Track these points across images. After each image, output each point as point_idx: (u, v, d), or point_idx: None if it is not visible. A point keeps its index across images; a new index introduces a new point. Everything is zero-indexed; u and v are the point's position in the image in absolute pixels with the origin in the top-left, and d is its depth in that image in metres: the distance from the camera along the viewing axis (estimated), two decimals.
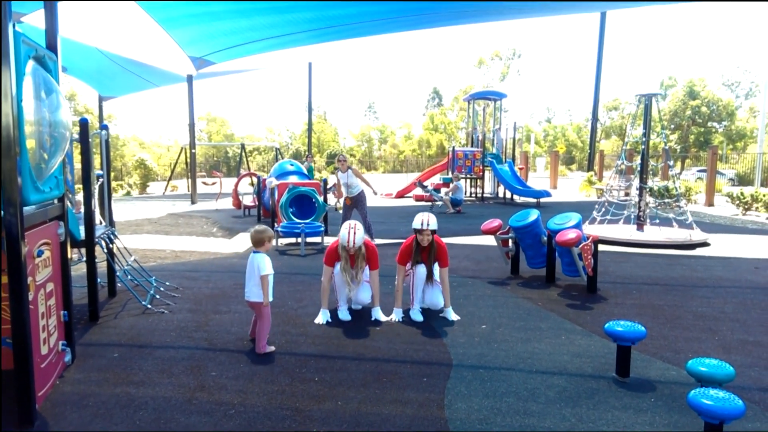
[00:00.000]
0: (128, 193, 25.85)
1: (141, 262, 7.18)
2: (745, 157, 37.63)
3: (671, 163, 11.53)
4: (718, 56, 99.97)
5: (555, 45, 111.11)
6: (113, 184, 29.87)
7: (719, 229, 12.13)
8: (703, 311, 5.65)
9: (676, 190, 11.36)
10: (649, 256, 8.86)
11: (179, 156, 29.01)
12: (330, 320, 5.24)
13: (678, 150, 47.53)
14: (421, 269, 5.38)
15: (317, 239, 9.85)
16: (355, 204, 9.58)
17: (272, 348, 4.45)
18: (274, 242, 4.78)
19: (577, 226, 6.58)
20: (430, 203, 17.08)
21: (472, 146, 21.83)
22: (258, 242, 4.52)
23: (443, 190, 18.04)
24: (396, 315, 5.34)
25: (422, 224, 5.26)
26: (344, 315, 5.36)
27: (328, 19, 13.96)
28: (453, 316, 5.37)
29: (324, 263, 5.34)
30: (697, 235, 10.14)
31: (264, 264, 4.39)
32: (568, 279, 6.93)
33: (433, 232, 5.34)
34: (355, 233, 5.15)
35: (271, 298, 4.48)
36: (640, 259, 8.51)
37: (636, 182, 10.82)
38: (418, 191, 19.86)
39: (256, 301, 4.41)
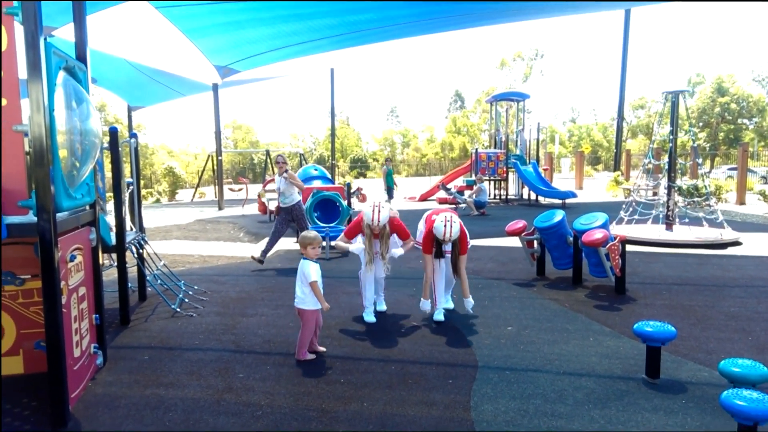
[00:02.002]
0: (158, 201, 26.30)
1: (170, 266, 7.30)
2: None
3: (700, 161, 11.32)
4: (748, 51, 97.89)
5: (578, 44, 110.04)
6: (143, 191, 30.42)
7: (751, 228, 11.86)
8: (735, 311, 5.54)
9: (706, 189, 11.15)
10: (679, 256, 8.70)
11: (206, 163, 29.37)
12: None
13: (707, 148, 46.61)
14: (442, 265, 5.34)
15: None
16: (290, 217, 8.40)
17: (311, 356, 4.38)
18: (320, 247, 4.63)
19: (604, 226, 6.50)
20: (453, 206, 17.04)
21: (495, 148, 21.71)
22: (301, 247, 4.46)
23: (467, 192, 17.97)
24: (424, 305, 5.24)
25: (444, 235, 5.07)
26: (369, 317, 5.37)
27: (349, 25, 14.04)
28: (470, 304, 5.30)
29: (344, 236, 5.37)
30: (728, 234, 9.93)
31: (310, 271, 4.31)
32: (596, 280, 6.85)
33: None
34: (380, 211, 5.10)
35: (327, 305, 4.37)
36: (670, 260, 8.37)
37: (664, 181, 10.65)
38: (442, 194, 19.81)
39: (303, 308, 4.34)
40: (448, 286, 5.69)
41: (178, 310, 5.76)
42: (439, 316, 5.34)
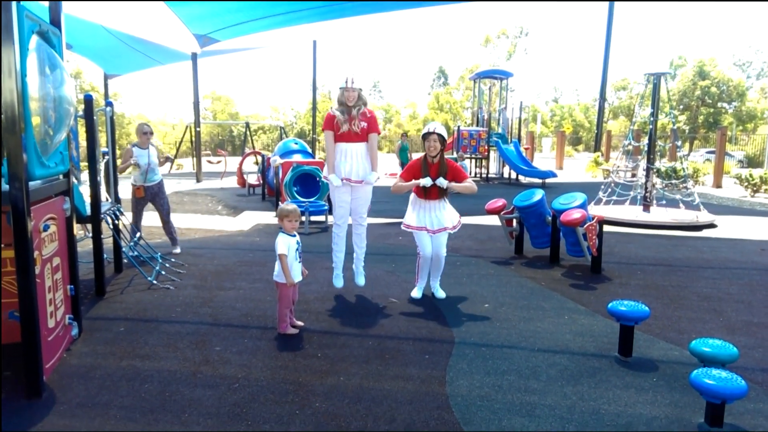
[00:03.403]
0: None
1: (147, 238, 7.21)
2: (755, 139, 37.20)
3: (679, 143, 11.45)
4: (730, 36, 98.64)
5: (563, 23, 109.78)
6: (119, 162, 29.95)
7: (727, 210, 12.08)
8: (708, 292, 5.65)
9: (684, 171, 11.29)
10: (655, 237, 8.84)
11: (184, 134, 28.91)
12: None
13: (687, 131, 47.12)
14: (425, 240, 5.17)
15: (321, 218, 9.87)
16: (154, 197, 7.09)
17: (294, 330, 4.35)
18: (299, 220, 4.53)
19: (582, 206, 6.56)
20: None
21: (477, 126, 21.70)
22: (279, 219, 4.39)
23: None
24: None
25: (428, 129, 5.08)
26: (338, 282, 5.38)
27: None
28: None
29: (323, 130, 5.22)
30: (703, 216, 10.10)
31: (277, 243, 4.24)
32: (573, 259, 6.93)
33: (442, 139, 5.10)
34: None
35: (296, 279, 4.30)
36: (646, 240, 8.50)
37: (643, 163, 10.76)
38: None
39: (278, 281, 4.32)
40: (435, 270, 5.37)
41: (155, 282, 5.71)
42: (418, 293, 5.36)
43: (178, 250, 7.20)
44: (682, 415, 3.12)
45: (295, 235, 4.40)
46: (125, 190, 7.11)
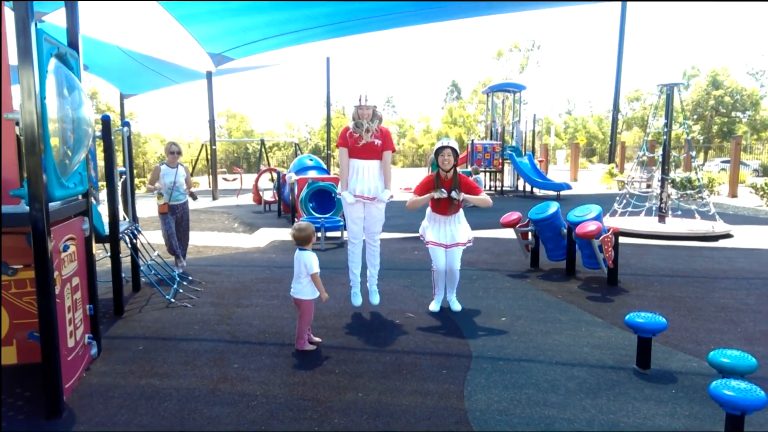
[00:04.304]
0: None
1: (164, 257, 7.28)
2: None
3: (693, 153, 11.36)
4: (743, 45, 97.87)
5: (575, 36, 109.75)
6: (136, 180, 30.28)
7: (742, 220, 11.93)
8: (725, 303, 5.58)
9: (699, 182, 11.19)
10: (671, 248, 8.75)
11: (200, 153, 29.23)
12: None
13: (701, 141, 46.73)
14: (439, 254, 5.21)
15: (337, 233, 9.89)
16: (181, 218, 7.25)
17: (311, 347, 4.36)
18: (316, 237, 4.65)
19: (597, 218, 6.53)
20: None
21: (491, 139, 21.70)
22: (303, 240, 4.38)
23: None
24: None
25: (441, 144, 5.17)
26: (356, 300, 5.39)
27: (345, 14, 13.96)
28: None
29: (338, 146, 5.28)
30: (719, 226, 9.98)
31: (312, 262, 4.28)
32: (589, 271, 6.88)
33: (455, 154, 5.16)
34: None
35: (326, 295, 4.36)
36: (662, 251, 8.41)
37: (657, 174, 10.68)
38: None
39: (302, 299, 4.32)
40: (450, 283, 5.39)
41: (173, 300, 5.76)
42: (436, 307, 5.36)
43: (183, 264, 7.27)
44: (701, 427, 3.08)
45: (314, 251, 4.45)
46: (143, 209, 7.19)
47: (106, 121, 5.28)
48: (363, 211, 5.26)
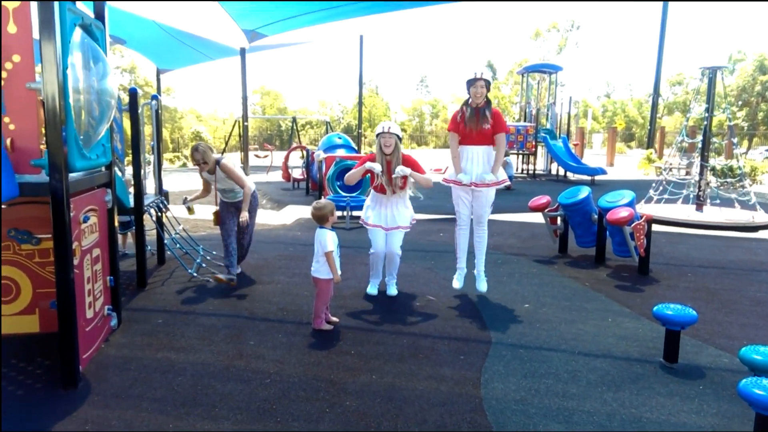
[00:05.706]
0: (184, 165, 26.51)
1: (190, 231, 7.33)
2: None
3: (735, 141, 10.93)
4: None
5: (616, 16, 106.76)
6: (171, 155, 30.72)
7: None
8: (761, 297, 5.35)
9: (740, 170, 10.78)
10: (708, 237, 8.46)
11: (233, 129, 29.41)
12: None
13: (745, 128, 45.16)
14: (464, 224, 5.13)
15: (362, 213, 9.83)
16: (234, 215, 5.75)
17: (329, 326, 4.32)
18: (336, 215, 4.63)
19: (630, 204, 6.32)
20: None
21: (525, 121, 21.28)
22: (320, 218, 4.36)
23: None
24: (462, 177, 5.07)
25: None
26: (372, 290, 5.30)
27: None
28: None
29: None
30: (760, 216, 9.61)
31: (327, 240, 4.24)
32: (619, 259, 6.68)
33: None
34: (390, 124, 5.05)
35: (338, 277, 4.32)
36: (698, 241, 8.13)
37: (697, 160, 10.32)
38: None
39: (320, 278, 4.29)
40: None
41: (195, 274, 5.79)
42: (460, 279, 5.23)
43: (237, 270, 5.85)
44: (729, 426, 2.94)
45: (335, 230, 4.40)
46: (168, 183, 7.23)
47: (133, 94, 5.28)
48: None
